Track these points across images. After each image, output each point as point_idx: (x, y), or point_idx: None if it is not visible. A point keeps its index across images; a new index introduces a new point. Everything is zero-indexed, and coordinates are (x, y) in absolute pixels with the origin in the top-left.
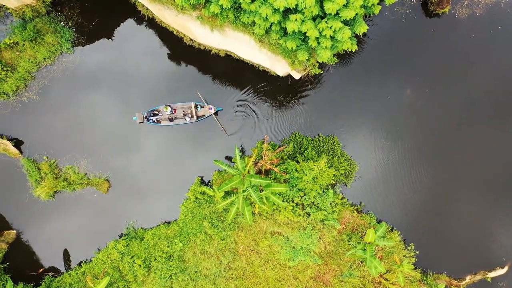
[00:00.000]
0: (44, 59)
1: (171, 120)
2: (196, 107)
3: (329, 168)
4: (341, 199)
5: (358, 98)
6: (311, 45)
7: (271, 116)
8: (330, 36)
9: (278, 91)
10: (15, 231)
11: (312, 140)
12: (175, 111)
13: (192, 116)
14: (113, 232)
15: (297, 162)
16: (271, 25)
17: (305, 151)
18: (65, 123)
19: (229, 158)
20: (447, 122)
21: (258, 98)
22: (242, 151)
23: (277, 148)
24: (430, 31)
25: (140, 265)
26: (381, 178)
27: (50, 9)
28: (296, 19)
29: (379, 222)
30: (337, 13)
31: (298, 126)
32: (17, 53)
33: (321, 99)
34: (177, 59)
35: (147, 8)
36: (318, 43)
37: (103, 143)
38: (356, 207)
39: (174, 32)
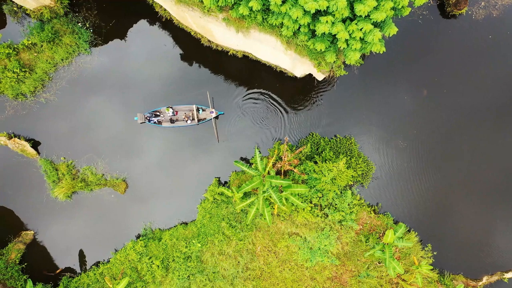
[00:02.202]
0: (62, 60)
1: (172, 121)
2: (197, 110)
3: (347, 169)
4: (359, 200)
5: (374, 98)
6: (340, 47)
7: (287, 117)
8: (360, 38)
9: (295, 92)
10: (32, 232)
11: (329, 141)
12: (176, 113)
13: (193, 119)
14: (130, 232)
15: (315, 163)
16: (299, 27)
17: (323, 152)
18: (81, 124)
19: (243, 159)
20: (465, 122)
21: (274, 99)
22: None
23: (296, 149)
24: (447, 32)
25: (158, 266)
26: (397, 178)
27: (68, 10)
28: (327, 21)
29: (395, 223)
30: (368, 15)
31: (314, 126)
32: (35, 54)
33: (337, 100)
34: (192, 60)
35: (164, 9)
36: (347, 44)
37: (120, 144)
38: (373, 208)
39: (192, 33)
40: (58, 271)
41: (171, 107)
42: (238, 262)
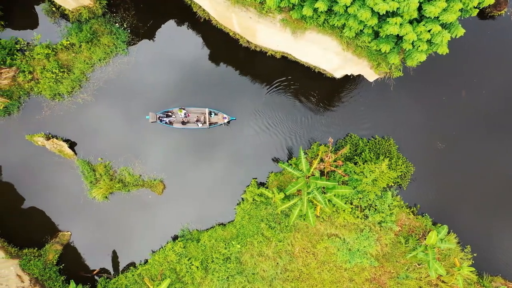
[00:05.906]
0: (99, 60)
1: (183, 123)
2: (210, 113)
3: (389, 170)
4: (398, 201)
5: (412, 99)
6: (404, 48)
7: (323, 118)
8: (427, 39)
9: (333, 93)
10: (69, 233)
11: (368, 141)
12: (188, 115)
13: (204, 122)
14: (167, 234)
15: (355, 164)
16: (363, 28)
17: (362, 153)
18: (118, 124)
19: (275, 160)
20: (503, 123)
21: (310, 99)
22: (290, 153)
23: (338, 151)
24: (486, 33)
25: (197, 267)
26: (435, 180)
27: (106, 10)
28: (395, 23)
29: (434, 224)
30: (437, 17)
31: (352, 127)
32: (73, 55)
33: (374, 101)
34: (225, 61)
35: (203, 10)
36: (413, 46)
37: (155, 145)
38: (411, 209)
39: (230, 34)
40: (95, 272)
41: (183, 109)
42: (277, 263)
